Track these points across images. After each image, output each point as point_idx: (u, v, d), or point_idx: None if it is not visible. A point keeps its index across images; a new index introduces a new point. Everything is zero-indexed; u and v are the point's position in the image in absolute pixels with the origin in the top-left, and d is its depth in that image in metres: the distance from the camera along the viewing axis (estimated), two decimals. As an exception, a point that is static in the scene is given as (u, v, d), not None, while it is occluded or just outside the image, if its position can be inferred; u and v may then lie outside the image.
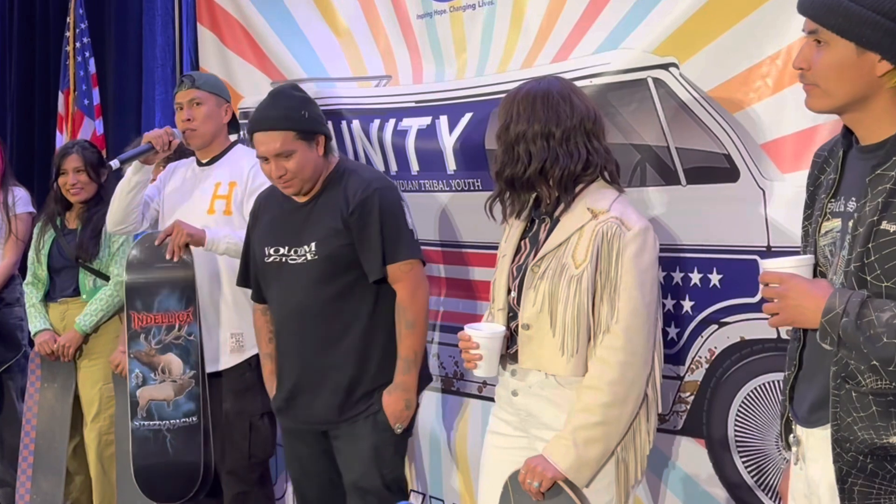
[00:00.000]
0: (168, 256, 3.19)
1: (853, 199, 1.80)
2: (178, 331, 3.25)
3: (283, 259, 2.88)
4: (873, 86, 1.76)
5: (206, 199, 3.34)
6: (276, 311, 2.95)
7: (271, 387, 3.01)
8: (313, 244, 2.82)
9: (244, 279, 3.08)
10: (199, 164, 3.45)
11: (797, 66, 1.82)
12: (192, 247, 3.23)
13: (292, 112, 2.81)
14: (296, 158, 2.80)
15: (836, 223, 1.83)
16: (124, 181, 3.43)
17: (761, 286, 1.80)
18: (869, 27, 1.72)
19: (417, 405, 2.88)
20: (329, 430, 2.90)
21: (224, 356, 3.33)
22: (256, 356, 3.32)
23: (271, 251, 2.90)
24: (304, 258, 2.84)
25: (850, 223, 1.78)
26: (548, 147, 2.32)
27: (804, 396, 1.90)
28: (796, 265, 1.81)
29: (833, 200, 1.85)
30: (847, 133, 1.87)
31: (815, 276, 1.85)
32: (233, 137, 3.54)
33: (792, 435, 1.95)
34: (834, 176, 1.86)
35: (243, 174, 3.31)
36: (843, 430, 1.76)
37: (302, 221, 2.86)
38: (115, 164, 3.39)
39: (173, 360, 3.26)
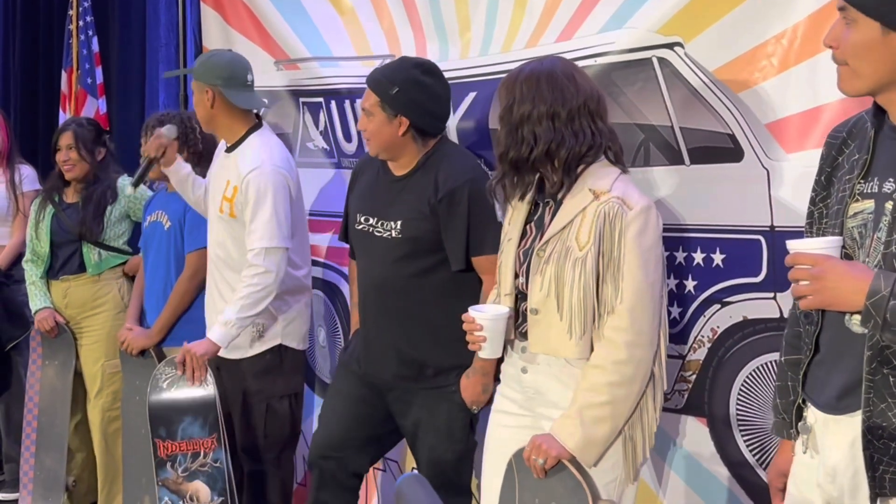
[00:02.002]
0: (190, 384, 3.23)
1: (890, 179, 1.76)
2: (203, 458, 3.25)
3: (371, 230, 2.90)
4: None
5: (219, 196, 3.30)
6: (360, 278, 2.99)
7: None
8: (399, 223, 2.83)
9: (344, 236, 3.12)
10: (225, 148, 3.37)
11: (827, 43, 1.79)
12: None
13: (387, 81, 2.82)
14: (373, 122, 2.85)
15: (868, 204, 1.79)
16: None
17: (792, 267, 1.74)
18: (892, 6, 1.69)
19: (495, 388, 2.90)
20: (400, 392, 2.93)
21: (245, 346, 3.30)
22: (278, 346, 3.32)
23: (361, 219, 2.94)
24: (389, 234, 2.85)
25: (889, 204, 1.74)
26: (553, 128, 2.31)
27: (825, 382, 1.86)
28: (825, 246, 1.76)
29: (863, 181, 1.81)
30: (878, 112, 1.82)
31: (841, 257, 1.80)
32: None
33: (802, 422, 1.92)
34: (865, 156, 1.82)
35: (241, 177, 3.20)
36: (876, 417, 1.73)
37: (394, 196, 2.88)
38: (130, 191, 3.50)
39: (201, 488, 3.26)
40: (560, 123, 2.31)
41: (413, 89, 2.81)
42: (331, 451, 3.01)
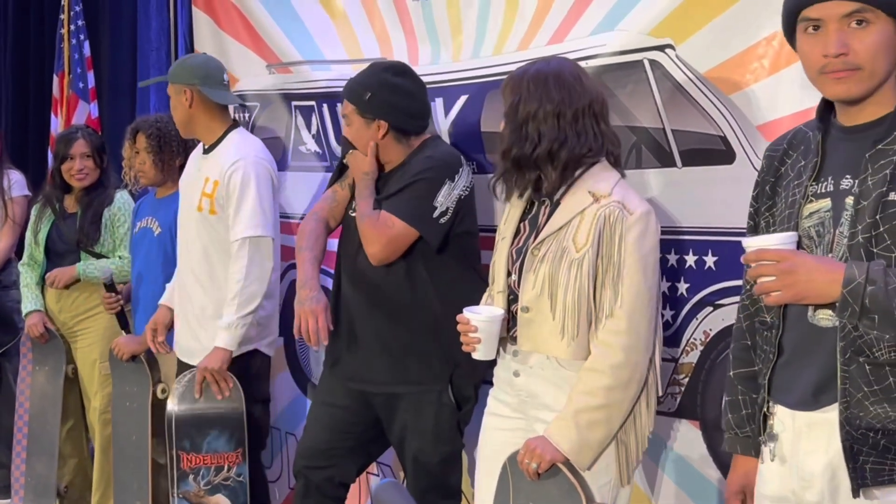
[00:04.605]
0: (219, 397, 3.21)
1: (847, 176, 1.79)
2: (226, 472, 3.25)
3: None
4: None
5: (197, 194, 3.29)
6: (344, 267, 2.96)
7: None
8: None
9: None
10: (203, 150, 3.38)
11: (838, 51, 1.76)
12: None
13: (359, 88, 2.85)
14: (353, 128, 2.87)
15: (824, 203, 1.83)
16: None
17: (754, 263, 1.76)
18: None
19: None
20: (385, 398, 2.91)
21: None
22: (252, 351, 3.30)
23: (355, 205, 2.93)
24: None
25: (850, 199, 1.77)
26: (558, 127, 2.32)
27: (795, 381, 1.87)
28: (783, 242, 1.78)
29: (815, 183, 1.85)
30: (823, 118, 1.87)
31: None
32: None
33: (768, 431, 1.92)
34: (815, 159, 1.86)
35: (223, 171, 3.21)
36: (853, 408, 1.74)
37: (381, 189, 2.89)
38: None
39: (222, 501, 3.26)
40: (565, 123, 2.32)
41: (385, 92, 2.82)
42: (316, 460, 3.00)
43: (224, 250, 3.22)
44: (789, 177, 1.93)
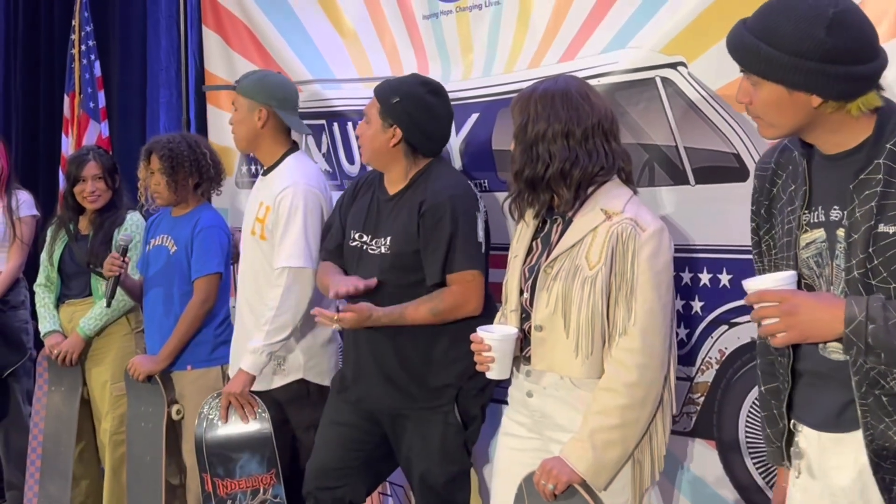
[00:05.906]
0: (244, 421, 3.20)
1: (835, 207, 1.80)
2: (263, 494, 3.22)
3: (364, 246, 2.90)
4: (813, 115, 1.78)
5: (252, 217, 3.28)
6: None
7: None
8: (388, 239, 2.84)
9: (326, 253, 3.06)
10: (262, 172, 3.36)
11: (740, 100, 1.85)
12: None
13: (390, 90, 2.86)
14: (370, 128, 2.88)
15: (818, 233, 1.83)
16: None
17: (756, 306, 1.76)
18: (790, 71, 1.75)
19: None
20: (391, 418, 2.90)
21: (265, 379, 3.23)
22: (299, 380, 3.26)
23: (355, 236, 2.93)
24: (379, 250, 2.85)
25: (841, 231, 1.78)
26: (568, 147, 2.31)
27: (816, 402, 1.87)
28: (784, 283, 1.78)
29: (807, 212, 1.85)
30: (805, 143, 1.87)
31: (800, 288, 1.84)
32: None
33: (794, 447, 1.92)
34: (804, 187, 1.86)
35: (274, 197, 3.18)
36: (878, 439, 1.74)
37: (386, 214, 2.88)
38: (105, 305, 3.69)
39: None
40: (574, 142, 2.31)
41: (412, 103, 2.82)
42: (326, 480, 2.98)
43: (271, 276, 3.19)
44: (782, 200, 1.92)
